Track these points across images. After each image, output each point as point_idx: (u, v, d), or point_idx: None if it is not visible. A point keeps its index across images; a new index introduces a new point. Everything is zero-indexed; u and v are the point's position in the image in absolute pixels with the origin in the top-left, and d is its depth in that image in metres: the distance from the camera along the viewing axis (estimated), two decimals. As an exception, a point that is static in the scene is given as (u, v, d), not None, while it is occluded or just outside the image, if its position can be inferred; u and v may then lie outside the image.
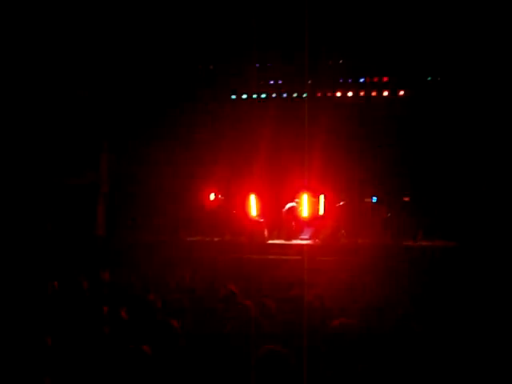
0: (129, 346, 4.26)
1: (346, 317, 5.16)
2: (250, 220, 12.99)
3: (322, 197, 12.89)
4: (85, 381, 4.24)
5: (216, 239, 12.59)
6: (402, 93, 13.83)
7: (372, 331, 4.75)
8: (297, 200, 13.11)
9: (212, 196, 13.54)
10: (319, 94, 14.01)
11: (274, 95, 14.42)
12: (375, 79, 13.92)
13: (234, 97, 14.64)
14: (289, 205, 13.26)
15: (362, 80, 14.00)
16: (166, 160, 13.68)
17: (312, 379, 4.06)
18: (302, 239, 12.78)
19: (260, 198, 13.37)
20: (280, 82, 14.42)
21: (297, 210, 13.10)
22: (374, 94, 13.93)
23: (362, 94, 14.00)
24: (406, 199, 13.06)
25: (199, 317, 5.21)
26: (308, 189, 12.83)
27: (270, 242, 12.79)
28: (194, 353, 4.24)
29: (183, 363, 4.18)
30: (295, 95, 14.26)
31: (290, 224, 13.08)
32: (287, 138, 13.71)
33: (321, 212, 12.80)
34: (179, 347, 4.24)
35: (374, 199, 13.18)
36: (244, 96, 14.57)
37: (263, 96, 14.46)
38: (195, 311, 5.53)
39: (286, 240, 12.74)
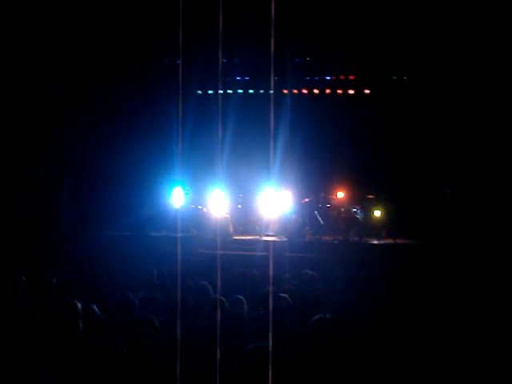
0: (104, 343, 4.23)
1: (319, 313, 5.20)
2: (216, 216, 12.97)
3: (287, 193, 12.94)
4: (59, 378, 4.19)
5: (181, 235, 12.55)
6: (367, 91, 13.96)
7: (347, 326, 4.81)
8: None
9: (179, 191, 13.47)
10: (285, 91, 14.05)
11: (240, 91, 14.42)
12: (341, 77, 14.03)
13: (200, 92, 14.60)
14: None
15: (328, 78, 14.09)
16: (132, 156, 13.61)
17: (289, 376, 4.09)
18: (267, 235, 12.82)
19: (225, 193, 13.36)
20: (247, 78, 14.44)
21: None
22: (339, 91, 14.04)
23: (327, 91, 14.10)
24: (371, 197, 13.19)
25: (173, 312, 5.19)
26: (274, 185, 12.87)
27: (235, 237, 12.81)
28: (172, 348, 4.23)
29: (162, 359, 4.17)
30: (262, 92, 14.29)
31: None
32: (253, 134, 13.72)
33: (287, 208, 12.85)
34: (158, 343, 4.23)
35: (340, 196, 13.29)
36: (210, 92, 14.54)
37: (229, 92, 14.45)
38: (168, 307, 5.51)
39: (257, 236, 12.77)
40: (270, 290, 6.39)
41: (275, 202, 13.14)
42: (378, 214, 12.74)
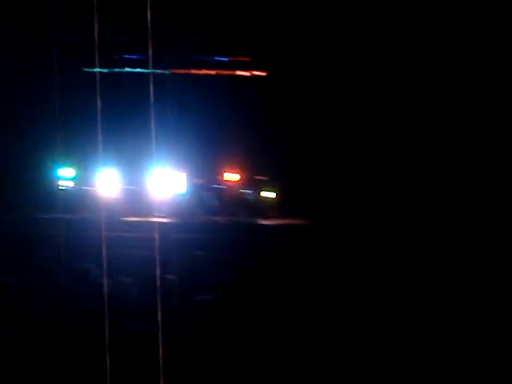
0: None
1: (204, 292, 5.22)
2: (105, 197, 12.76)
3: (181, 174, 12.91)
4: None
5: (68, 217, 12.26)
6: (260, 73, 14.05)
7: (232, 306, 4.84)
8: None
9: (66, 172, 13.13)
10: (176, 71, 13.91)
11: (129, 70, 14.17)
12: (235, 59, 14.03)
13: (85, 70, 14.24)
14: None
15: (222, 59, 14.06)
16: (18, 136, 13.17)
17: (172, 356, 4.07)
18: (158, 217, 12.72)
19: (115, 173, 13.16)
20: (136, 57, 14.19)
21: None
22: (233, 73, 14.05)
23: (220, 72, 14.07)
24: (262, 177, 13.35)
25: (58, 297, 5.06)
26: (167, 166, 12.80)
27: (124, 219, 12.63)
28: (54, 332, 4.12)
29: (42, 344, 4.06)
30: (151, 71, 14.08)
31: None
32: (143, 113, 13.55)
33: (179, 190, 12.82)
34: (37, 329, 4.10)
35: (231, 177, 13.37)
36: (98, 70, 14.19)
37: (116, 70, 14.18)
38: (53, 291, 5.37)
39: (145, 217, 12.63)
40: (157, 271, 6.37)
41: (168, 183, 13.07)
42: (267, 194, 12.95)
